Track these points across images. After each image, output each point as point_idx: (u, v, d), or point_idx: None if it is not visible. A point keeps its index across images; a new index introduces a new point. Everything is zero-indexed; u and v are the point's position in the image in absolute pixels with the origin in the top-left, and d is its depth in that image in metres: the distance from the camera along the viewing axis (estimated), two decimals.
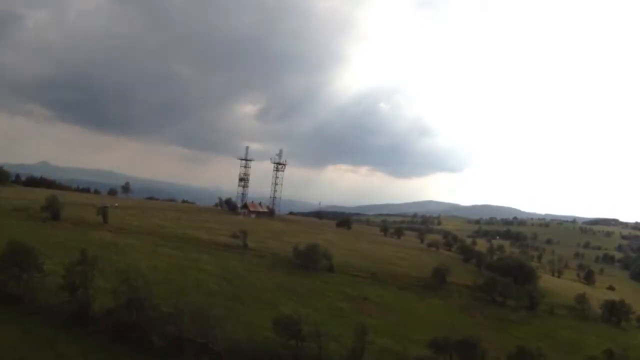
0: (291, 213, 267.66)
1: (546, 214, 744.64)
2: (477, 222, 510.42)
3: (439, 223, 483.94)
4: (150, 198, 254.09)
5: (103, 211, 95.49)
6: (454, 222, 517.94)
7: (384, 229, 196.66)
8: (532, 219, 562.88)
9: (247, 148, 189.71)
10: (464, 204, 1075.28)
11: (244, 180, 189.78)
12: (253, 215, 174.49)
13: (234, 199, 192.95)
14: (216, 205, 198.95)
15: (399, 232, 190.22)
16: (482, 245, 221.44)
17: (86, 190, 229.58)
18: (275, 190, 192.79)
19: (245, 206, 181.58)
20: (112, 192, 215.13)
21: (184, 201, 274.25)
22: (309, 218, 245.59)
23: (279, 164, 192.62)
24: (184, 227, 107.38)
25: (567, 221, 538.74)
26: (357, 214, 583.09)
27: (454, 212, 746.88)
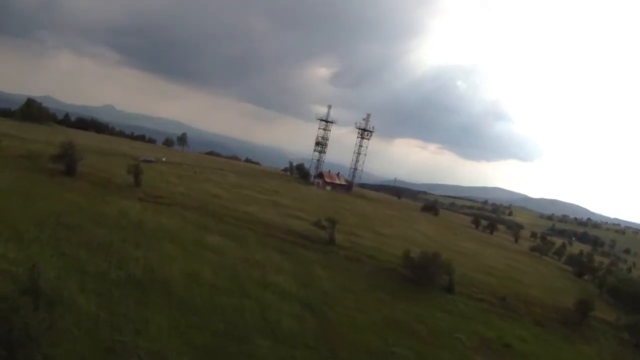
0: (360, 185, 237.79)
1: (615, 218, 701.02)
2: (550, 218, 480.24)
3: (510, 214, 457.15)
4: (210, 153, 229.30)
5: (135, 169, 65.98)
6: (525, 215, 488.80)
7: (476, 221, 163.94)
8: (606, 223, 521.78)
9: (329, 107, 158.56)
10: (532, 195, 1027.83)
11: (321, 144, 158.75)
12: (328, 188, 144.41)
13: (306, 165, 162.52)
14: (285, 170, 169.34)
15: (492, 227, 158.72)
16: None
17: (140, 138, 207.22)
18: (357, 161, 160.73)
19: (320, 175, 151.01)
20: (168, 142, 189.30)
21: (247, 160, 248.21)
22: (386, 195, 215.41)
23: (365, 130, 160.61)
24: (245, 200, 77.51)
25: None
26: (424, 192, 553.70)
27: (522, 203, 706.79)
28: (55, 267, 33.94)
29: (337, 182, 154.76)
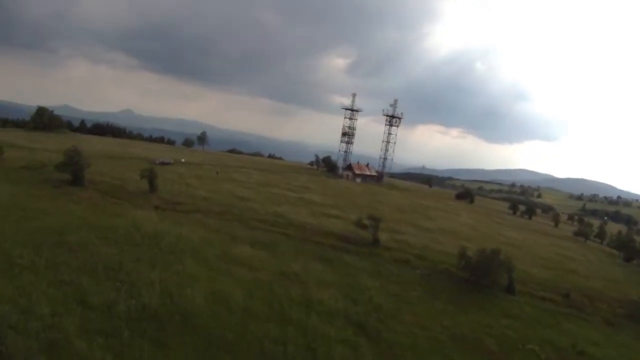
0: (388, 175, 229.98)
1: None
2: (579, 198, 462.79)
3: (539, 195, 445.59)
4: (232, 151, 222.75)
5: (150, 173, 58.89)
6: (554, 196, 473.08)
7: (514, 206, 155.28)
8: (637, 200, 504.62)
9: (353, 95, 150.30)
10: (558, 175, 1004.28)
11: (348, 135, 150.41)
12: (358, 180, 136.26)
13: (333, 158, 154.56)
14: (311, 164, 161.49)
15: (530, 212, 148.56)
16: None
17: (159, 140, 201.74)
18: (386, 150, 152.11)
19: (349, 167, 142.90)
20: (188, 143, 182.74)
21: (270, 156, 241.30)
22: (417, 184, 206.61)
23: (393, 117, 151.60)
24: (274, 199, 69.92)
25: None
26: (450, 178, 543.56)
27: (548, 184, 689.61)
28: (51, 300, 27.04)
29: (368, 173, 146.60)
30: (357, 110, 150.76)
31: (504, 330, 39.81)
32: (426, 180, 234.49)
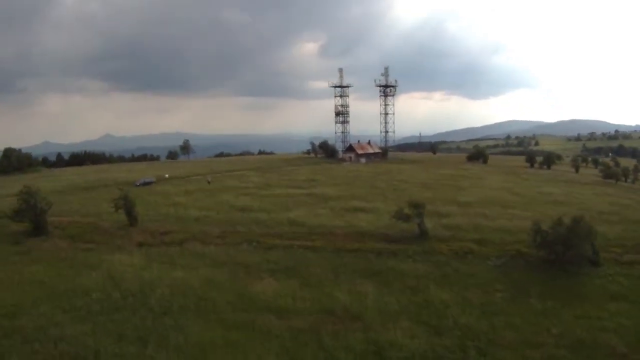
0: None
1: (637, 125, 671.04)
2: (578, 139, 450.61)
3: (537, 143, 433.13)
4: (220, 155, 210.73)
5: (125, 202, 46.95)
6: (551, 141, 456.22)
7: (531, 159, 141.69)
8: (635, 131, 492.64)
9: (341, 71, 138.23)
10: (549, 120, 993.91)
11: (342, 114, 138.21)
12: (363, 160, 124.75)
13: (330, 142, 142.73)
14: (308, 152, 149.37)
15: (549, 161, 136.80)
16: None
17: (142, 159, 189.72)
18: (385, 122, 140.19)
19: (350, 149, 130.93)
20: (172, 155, 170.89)
21: (260, 152, 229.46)
22: (422, 154, 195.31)
23: (387, 86, 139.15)
24: (283, 203, 57.98)
25: None
26: (443, 142, 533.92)
27: (541, 130, 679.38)
28: None
29: (371, 151, 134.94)
30: (347, 86, 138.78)
31: (619, 319, 28.91)
32: (429, 148, 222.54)
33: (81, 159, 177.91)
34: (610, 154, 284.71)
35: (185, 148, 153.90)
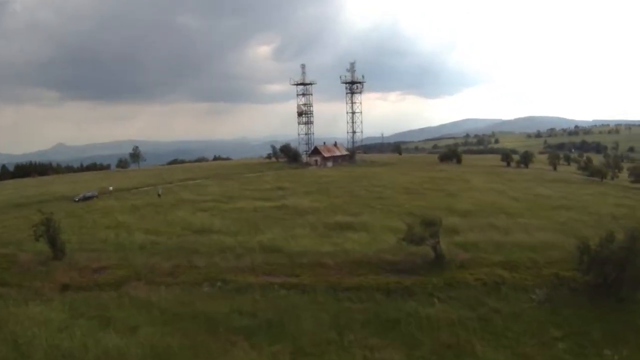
0: None
1: (594, 120, 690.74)
2: (538, 135, 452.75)
3: (497, 141, 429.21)
4: (174, 162, 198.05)
5: (48, 227, 35.77)
6: (511, 138, 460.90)
7: (506, 157, 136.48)
8: (595, 126, 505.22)
9: (303, 67, 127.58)
10: (506, 117, 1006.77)
11: (305, 114, 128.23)
12: (330, 163, 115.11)
13: (293, 145, 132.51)
14: (268, 156, 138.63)
15: (526, 159, 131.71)
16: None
17: (91, 168, 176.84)
18: (352, 122, 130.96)
19: (316, 151, 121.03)
20: (122, 164, 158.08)
21: (216, 158, 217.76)
22: (388, 155, 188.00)
23: (354, 82, 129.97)
24: (250, 219, 47.50)
25: (635, 124, 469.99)
26: (402, 142, 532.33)
27: (499, 128, 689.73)
28: None
29: (338, 153, 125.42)
30: (310, 84, 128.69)
31: None
32: (392, 149, 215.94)
33: (27, 170, 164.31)
34: (573, 150, 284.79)
35: (136, 156, 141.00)
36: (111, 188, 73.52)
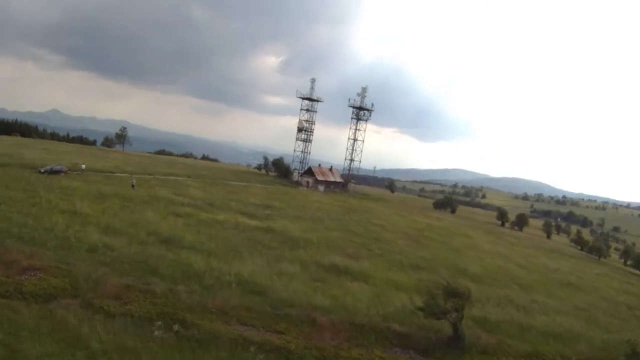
0: None
1: (579, 193, 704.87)
2: (525, 198, 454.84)
3: (484, 196, 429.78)
4: (161, 152, 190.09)
5: None
6: (498, 196, 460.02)
7: (502, 216, 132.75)
8: (582, 199, 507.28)
9: (312, 81, 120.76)
10: (494, 175, 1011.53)
11: (305, 131, 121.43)
12: (321, 188, 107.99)
13: (287, 161, 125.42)
14: (259, 167, 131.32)
15: (521, 222, 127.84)
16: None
17: (76, 140, 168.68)
18: (352, 150, 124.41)
19: (309, 172, 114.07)
20: (108, 142, 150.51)
21: (204, 157, 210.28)
22: (379, 190, 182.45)
23: (362, 109, 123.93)
24: (230, 240, 39.91)
25: (621, 205, 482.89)
26: (389, 178, 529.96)
27: (485, 184, 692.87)
28: None
29: (332, 179, 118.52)
30: (317, 100, 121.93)
31: None
32: (383, 183, 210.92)
33: (9, 127, 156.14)
34: (559, 219, 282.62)
35: (122, 137, 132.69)
36: (83, 166, 65.80)
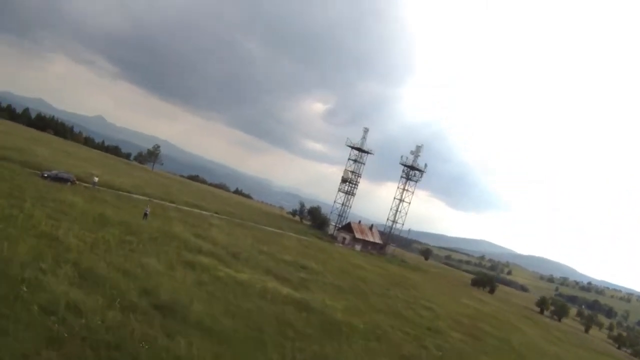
0: None
1: (602, 280, 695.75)
2: (550, 280, 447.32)
3: (509, 272, 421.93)
4: (194, 178, 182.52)
5: None
6: (523, 274, 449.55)
7: (542, 303, 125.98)
8: (608, 288, 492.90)
9: (365, 131, 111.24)
10: (520, 252, 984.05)
11: (350, 182, 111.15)
12: (358, 247, 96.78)
13: (324, 211, 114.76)
14: (293, 213, 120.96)
15: (560, 312, 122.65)
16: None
17: (111, 150, 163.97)
18: (397, 211, 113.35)
19: (348, 228, 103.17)
20: (141, 158, 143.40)
21: (237, 191, 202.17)
22: (414, 256, 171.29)
23: (413, 168, 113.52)
24: (253, 319, 28.63)
25: None
26: (417, 241, 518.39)
27: (511, 259, 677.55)
28: None
29: (371, 239, 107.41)
30: (367, 152, 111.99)
31: None
32: (423, 251, 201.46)
33: (46, 123, 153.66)
34: (583, 306, 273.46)
35: (154, 154, 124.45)
36: (96, 179, 56.30)
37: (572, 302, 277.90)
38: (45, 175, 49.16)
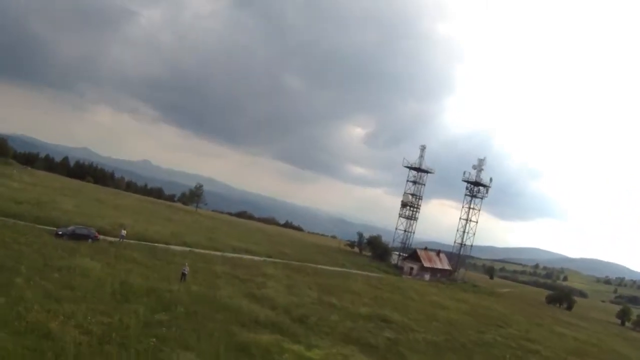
0: None
1: None
2: (608, 282, 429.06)
3: (565, 278, 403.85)
4: (241, 215, 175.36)
5: None
6: (579, 279, 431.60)
7: (623, 314, 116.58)
8: None
9: (422, 149, 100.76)
10: (571, 255, 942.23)
11: (411, 207, 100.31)
12: (427, 276, 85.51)
13: (385, 239, 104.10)
14: (351, 245, 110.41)
15: None
16: None
17: (153, 194, 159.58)
18: (464, 232, 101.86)
19: (415, 257, 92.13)
20: (185, 199, 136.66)
21: (287, 224, 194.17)
22: (480, 275, 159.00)
23: (477, 184, 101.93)
24: None
25: None
26: (468, 256, 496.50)
27: (563, 264, 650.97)
28: None
29: (439, 266, 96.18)
30: (426, 172, 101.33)
31: None
32: (487, 270, 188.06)
33: (85, 171, 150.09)
34: None
35: (196, 195, 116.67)
36: (124, 232, 47.63)
37: (633, 303, 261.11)
38: (60, 232, 40.91)
